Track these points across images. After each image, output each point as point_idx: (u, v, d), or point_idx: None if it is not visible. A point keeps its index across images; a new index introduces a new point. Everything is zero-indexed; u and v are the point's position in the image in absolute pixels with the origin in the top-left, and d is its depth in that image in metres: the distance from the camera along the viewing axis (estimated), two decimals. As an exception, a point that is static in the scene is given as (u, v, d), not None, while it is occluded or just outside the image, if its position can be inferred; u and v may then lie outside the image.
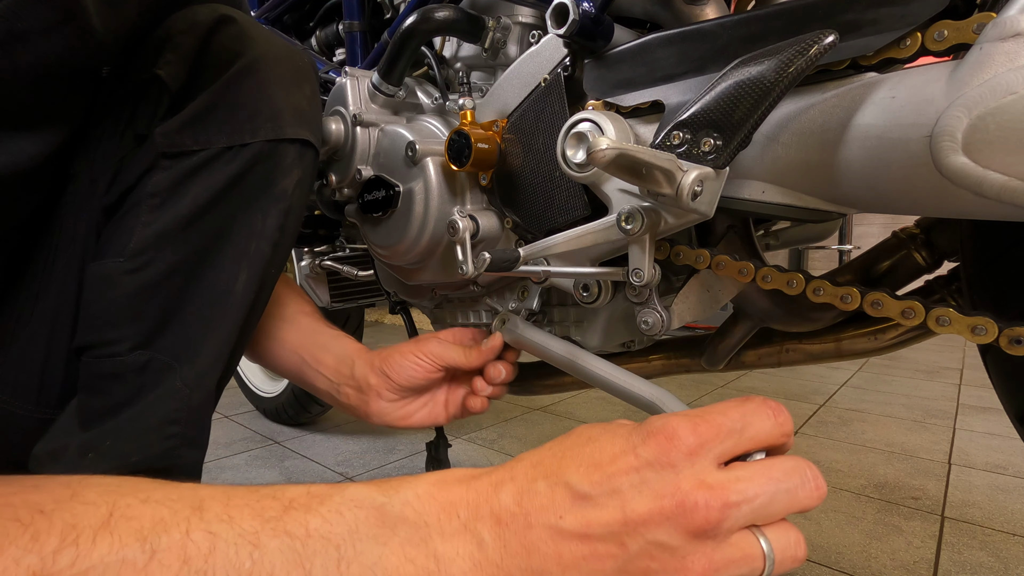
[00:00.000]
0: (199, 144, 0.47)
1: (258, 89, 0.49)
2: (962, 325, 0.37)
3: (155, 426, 0.48)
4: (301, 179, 0.53)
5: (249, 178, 0.49)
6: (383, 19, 0.82)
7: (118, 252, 0.47)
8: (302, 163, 0.53)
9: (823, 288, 0.42)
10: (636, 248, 0.46)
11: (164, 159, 0.47)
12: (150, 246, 0.47)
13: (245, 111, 0.48)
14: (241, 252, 0.50)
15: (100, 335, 0.47)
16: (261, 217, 0.51)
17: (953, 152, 0.33)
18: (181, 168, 0.47)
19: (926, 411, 1.51)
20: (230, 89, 0.48)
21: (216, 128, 0.48)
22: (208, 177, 0.48)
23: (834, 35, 0.34)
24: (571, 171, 0.49)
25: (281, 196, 0.51)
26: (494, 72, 0.65)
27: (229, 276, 0.50)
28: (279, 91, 0.50)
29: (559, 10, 0.47)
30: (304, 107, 0.52)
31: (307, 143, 0.52)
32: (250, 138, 0.48)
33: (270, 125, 0.49)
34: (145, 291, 0.47)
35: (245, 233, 0.50)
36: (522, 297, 0.63)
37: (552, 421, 1.44)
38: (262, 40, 0.50)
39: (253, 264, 0.51)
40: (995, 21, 0.32)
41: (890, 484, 1.06)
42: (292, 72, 0.52)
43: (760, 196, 0.42)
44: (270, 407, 1.46)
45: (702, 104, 0.39)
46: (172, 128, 0.47)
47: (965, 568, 0.79)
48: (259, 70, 0.49)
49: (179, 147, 0.47)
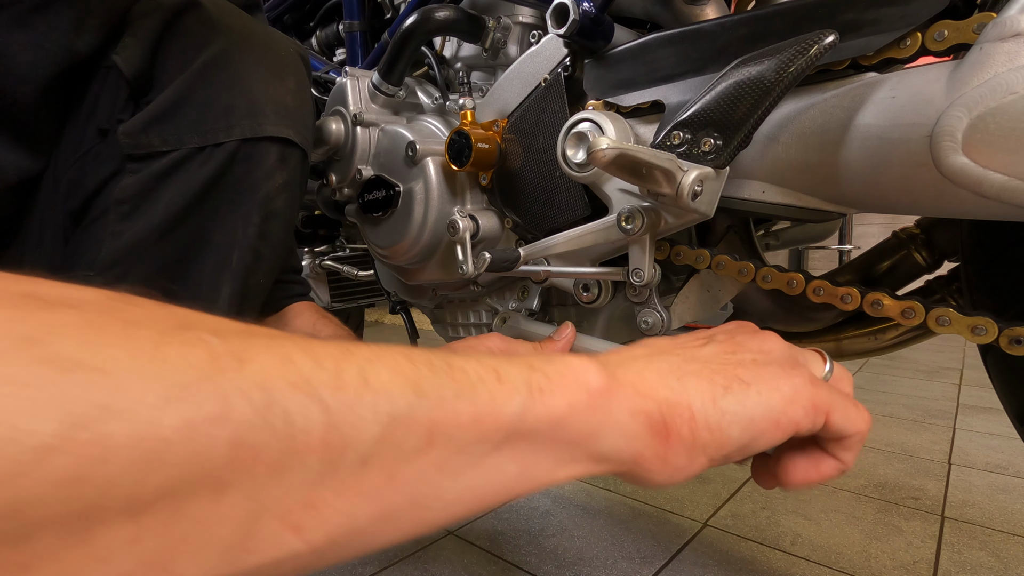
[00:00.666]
0: (168, 144, 0.43)
1: (232, 81, 0.44)
2: (962, 325, 0.37)
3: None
4: (287, 182, 0.48)
5: (226, 181, 0.45)
6: (383, 19, 0.82)
7: (88, 264, 0.43)
8: (286, 165, 0.48)
9: (823, 288, 0.42)
10: (636, 248, 0.46)
11: (131, 162, 0.43)
12: (122, 258, 0.43)
13: (218, 106, 0.43)
14: (222, 262, 0.46)
15: None
16: (243, 224, 0.46)
17: (953, 152, 0.33)
18: (150, 172, 0.43)
19: (926, 411, 1.51)
20: (199, 81, 0.43)
21: (186, 126, 0.43)
22: (181, 181, 0.43)
23: (834, 35, 0.34)
24: (571, 171, 0.49)
25: (263, 201, 0.47)
26: (494, 72, 0.65)
27: (210, 289, 0.46)
28: (257, 83, 0.45)
29: (559, 10, 0.47)
30: (287, 101, 0.47)
31: (290, 142, 0.47)
32: (224, 137, 0.43)
33: (247, 122, 0.44)
34: None
35: (225, 242, 0.46)
36: (522, 297, 0.63)
37: (552, 421, 1.44)
38: (236, 26, 0.45)
39: (235, 275, 0.47)
40: (995, 21, 0.32)
41: (890, 484, 1.06)
42: (273, 62, 0.47)
43: (760, 196, 0.42)
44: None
45: (702, 104, 0.39)
46: (136, 127, 0.43)
47: (965, 568, 0.79)
48: (233, 60, 0.44)
49: (146, 148, 0.43)
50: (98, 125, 0.45)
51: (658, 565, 0.80)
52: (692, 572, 0.78)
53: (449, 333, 0.75)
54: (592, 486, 1.05)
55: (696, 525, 0.91)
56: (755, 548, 0.84)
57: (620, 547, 0.84)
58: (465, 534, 0.88)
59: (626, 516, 0.94)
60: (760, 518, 0.93)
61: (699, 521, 0.92)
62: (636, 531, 0.89)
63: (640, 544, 0.85)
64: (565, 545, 0.85)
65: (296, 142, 0.48)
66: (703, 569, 0.79)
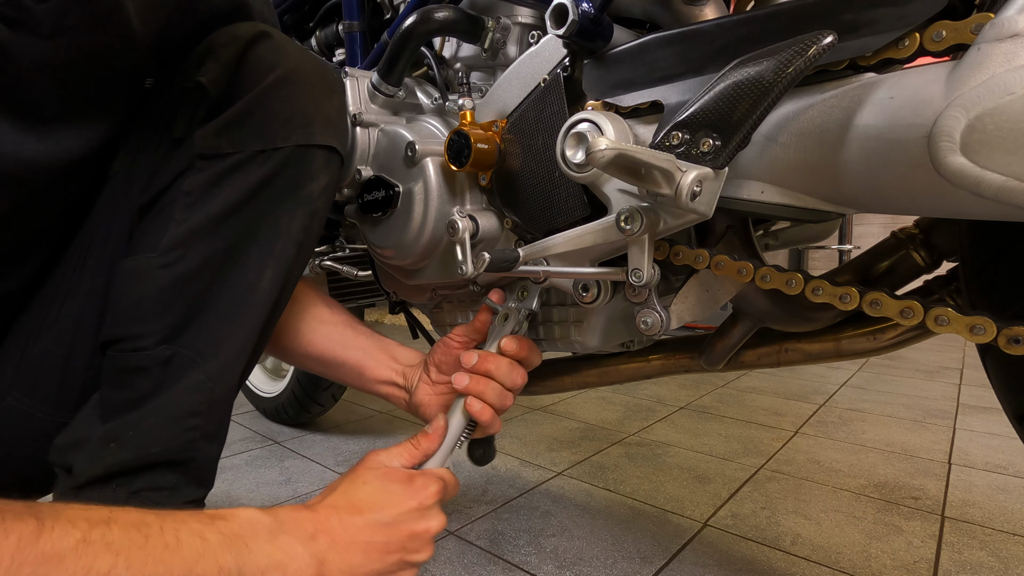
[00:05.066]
0: (234, 147, 0.50)
1: (292, 98, 0.51)
2: (961, 325, 0.37)
3: (177, 417, 0.48)
4: (327, 184, 0.55)
5: (279, 180, 0.51)
6: (383, 19, 0.82)
7: (151, 248, 0.49)
8: (328, 168, 0.54)
9: (822, 288, 0.42)
10: (635, 248, 0.46)
11: (200, 160, 0.49)
12: (183, 242, 0.48)
13: (280, 118, 0.50)
14: (267, 251, 0.52)
15: (128, 329, 0.48)
16: (288, 218, 0.52)
17: (951, 152, 0.33)
18: (216, 169, 0.49)
19: (926, 411, 1.51)
20: (266, 97, 0.50)
21: (251, 133, 0.50)
22: (241, 178, 0.50)
23: (833, 35, 0.34)
24: (570, 171, 0.49)
25: (307, 199, 0.53)
26: (494, 72, 0.65)
27: (255, 274, 0.51)
28: (311, 101, 0.52)
29: (558, 11, 0.47)
30: (333, 117, 0.55)
31: (334, 150, 0.54)
32: (282, 143, 0.50)
33: (302, 131, 0.51)
34: (176, 285, 0.48)
35: (272, 233, 0.52)
36: (522, 297, 0.63)
37: (552, 421, 1.44)
38: (296, 54, 0.53)
39: (278, 263, 0.52)
40: (993, 22, 0.32)
41: (890, 484, 1.06)
42: (323, 84, 0.54)
43: (759, 196, 0.42)
44: (270, 407, 1.46)
45: (701, 104, 0.39)
46: (210, 132, 0.50)
47: (965, 568, 0.79)
48: (294, 81, 0.51)
49: (215, 149, 0.49)
50: (174, 135, 0.52)
51: (658, 565, 0.80)
52: (692, 572, 0.78)
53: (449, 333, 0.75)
54: (592, 486, 1.05)
55: (696, 525, 0.91)
56: (755, 548, 0.84)
57: (620, 547, 0.84)
58: (465, 534, 0.88)
59: (626, 516, 0.94)
60: (760, 518, 0.93)
61: (699, 521, 0.92)
62: (636, 531, 0.89)
63: (640, 544, 0.85)
64: (565, 545, 0.85)
65: (338, 149, 0.55)
66: (703, 569, 0.79)
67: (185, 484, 0.51)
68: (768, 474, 1.10)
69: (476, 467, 1.11)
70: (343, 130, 0.58)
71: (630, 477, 1.09)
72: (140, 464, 0.48)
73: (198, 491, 0.52)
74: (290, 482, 1.08)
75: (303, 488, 1.05)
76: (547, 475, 1.11)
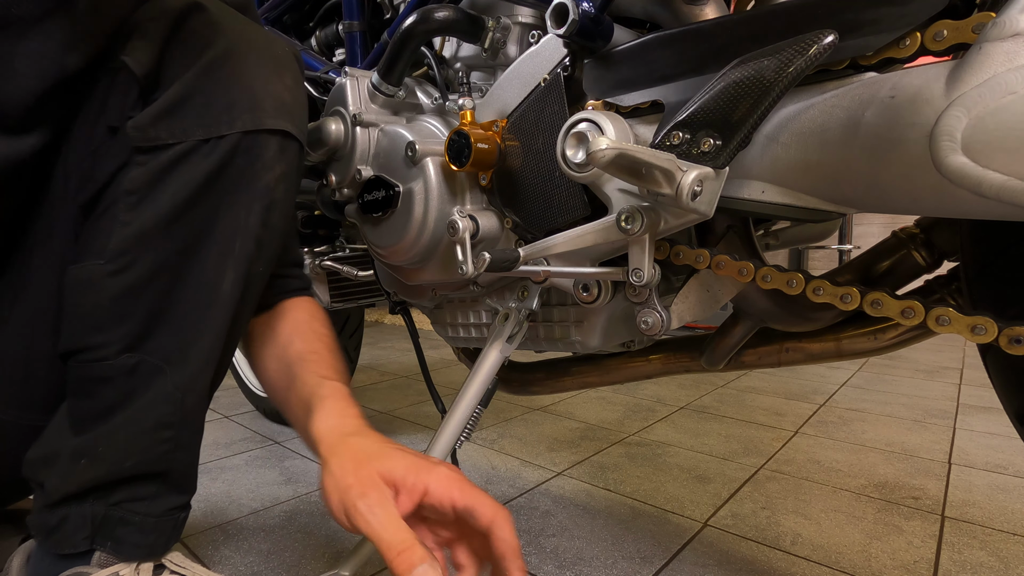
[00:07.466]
0: (174, 137, 0.45)
1: (234, 78, 0.46)
2: (962, 325, 0.37)
3: (148, 430, 0.47)
4: (285, 173, 0.51)
5: (229, 172, 0.47)
6: (383, 19, 0.82)
7: (98, 253, 0.45)
8: (285, 156, 0.50)
9: (823, 288, 0.42)
10: (636, 248, 0.46)
11: (139, 154, 0.45)
12: (131, 246, 0.45)
13: (221, 101, 0.46)
14: (226, 250, 0.48)
15: (85, 339, 0.46)
16: (244, 213, 0.48)
17: (952, 152, 0.33)
18: (157, 163, 0.45)
19: (926, 411, 1.51)
20: (204, 78, 0.46)
21: (191, 120, 0.45)
22: (186, 172, 0.46)
23: (833, 35, 0.34)
24: (571, 171, 0.49)
25: (264, 190, 0.49)
26: (494, 72, 0.65)
27: (215, 275, 0.48)
28: (256, 80, 0.48)
29: (559, 10, 0.47)
30: (285, 97, 0.50)
31: (288, 135, 0.50)
32: (227, 129, 0.46)
33: (248, 116, 0.47)
34: (129, 293, 0.46)
35: (229, 230, 0.48)
36: (522, 297, 0.63)
37: (552, 421, 1.44)
38: (236, 28, 0.48)
39: (239, 262, 0.49)
40: (995, 21, 0.32)
41: (890, 484, 1.06)
42: (270, 61, 0.49)
43: (760, 196, 0.42)
44: (270, 407, 1.46)
45: (701, 104, 0.39)
46: (145, 121, 0.45)
47: (965, 568, 0.79)
48: (234, 58, 0.47)
49: (153, 141, 0.45)
50: (108, 123, 0.47)
51: (658, 565, 0.80)
52: (692, 572, 0.78)
53: (449, 333, 0.75)
54: (592, 486, 1.05)
55: (696, 525, 0.91)
56: (755, 548, 0.84)
57: (620, 547, 0.84)
58: (465, 534, 0.88)
59: (626, 516, 0.94)
60: (760, 518, 0.93)
61: (699, 521, 0.92)
62: (636, 531, 0.89)
63: (640, 544, 0.85)
64: (565, 545, 0.85)
65: (294, 134, 0.51)
66: (703, 569, 0.79)
67: (166, 492, 0.50)
68: (768, 474, 1.10)
69: (475, 467, 1.11)
70: (299, 112, 0.52)
71: (630, 477, 1.09)
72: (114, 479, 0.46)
73: (181, 497, 0.51)
74: (290, 482, 1.08)
75: (303, 488, 1.05)
76: (547, 475, 1.11)
